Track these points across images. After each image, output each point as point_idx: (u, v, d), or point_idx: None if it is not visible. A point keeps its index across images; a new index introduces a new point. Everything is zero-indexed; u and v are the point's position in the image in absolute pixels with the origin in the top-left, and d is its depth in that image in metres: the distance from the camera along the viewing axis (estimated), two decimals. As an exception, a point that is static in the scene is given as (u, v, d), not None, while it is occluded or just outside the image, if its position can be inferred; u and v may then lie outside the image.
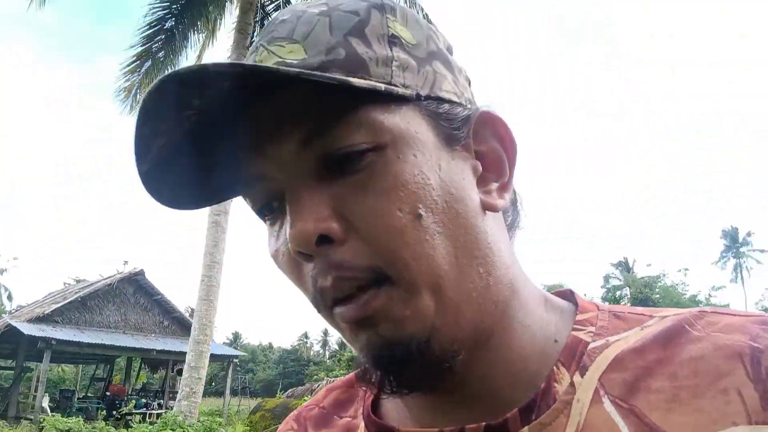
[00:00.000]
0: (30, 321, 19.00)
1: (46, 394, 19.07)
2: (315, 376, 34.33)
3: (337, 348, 74.01)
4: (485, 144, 0.50)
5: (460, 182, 0.47)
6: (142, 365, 25.80)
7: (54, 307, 19.89)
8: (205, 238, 11.30)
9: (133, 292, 22.34)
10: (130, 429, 11.87)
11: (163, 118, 0.43)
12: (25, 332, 17.71)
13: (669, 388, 0.44)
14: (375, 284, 0.43)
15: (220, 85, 0.42)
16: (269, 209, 0.48)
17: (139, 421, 17.25)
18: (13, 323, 18.53)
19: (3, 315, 27.67)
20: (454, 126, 0.48)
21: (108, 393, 21.12)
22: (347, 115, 0.44)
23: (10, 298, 48.30)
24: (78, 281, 29.72)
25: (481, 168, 0.49)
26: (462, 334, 0.45)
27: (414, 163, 0.45)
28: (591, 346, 0.48)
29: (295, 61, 0.44)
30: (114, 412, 18.22)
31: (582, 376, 0.46)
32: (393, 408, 0.55)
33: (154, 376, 29.44)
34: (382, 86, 0.44)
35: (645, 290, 42.02)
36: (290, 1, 11.02)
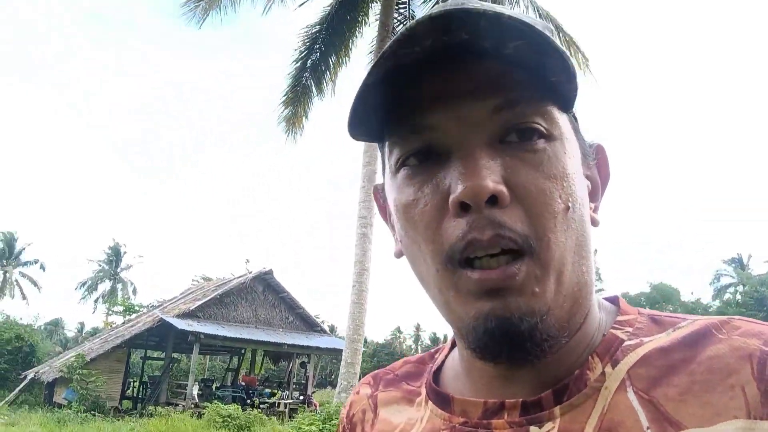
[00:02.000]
0: (178, 316, 21.16)
1: (196, 383, 21.17)
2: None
3: (430, 343, 75.04)
4: (590, 170, 0.57)
5: (586, 192, 0.54)
6: (264, 357, 27.83)
7: (197, 303, 21.94)
8: (355, 248, 12.48)
9: (263, 290, 24.13)
10: (294, 418, 13.25)
11: (406, 46, 0.47)
12: (178, 327, 19.74)
13: (685, 383, 0.47)
14: (520, 255, 0.47)
15: (460, 36, 0.47)
16: (420, 158, 0.51)
17: (268, 408, 18.96)
18: (166, 318, 20.70)
19: (138, 309, 30.62)
20: (586, 146, 0.56)
21: (243, 383, 23.03)
22: (536, 100, 0.49)
23: (135, 292, 52.58)
24: (205, 279, 32.27)
25: (591, 188, 0.57)
26: (563, 321, 0.50)
27: (573, 163, 0.51)
28: (626, 343, 0.52)
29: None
30: (248, 401, 20.04)
31: (613, 368, 0.51)
32: (452, 380, 0.61)
33: (272, 367, 31.54)
34: (576, 88, 0.50)
35: (762, 289, 40.05)
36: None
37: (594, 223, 0.55)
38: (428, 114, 0.50)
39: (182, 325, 20.04)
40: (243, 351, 25.94)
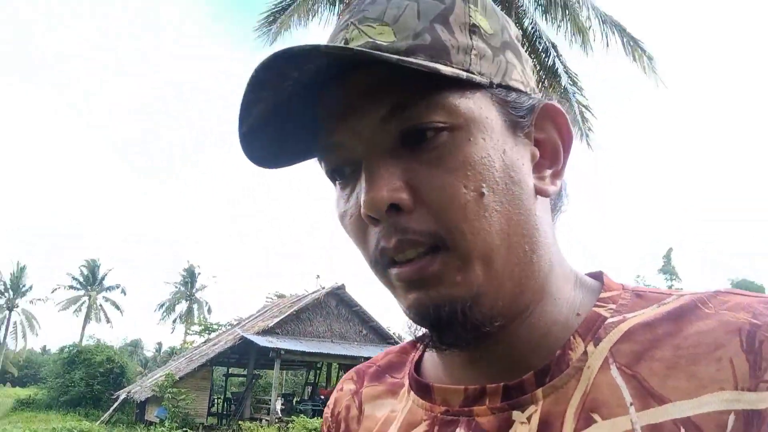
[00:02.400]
0: (258, 333, 21.81)
1: (280, 398, 21.74)
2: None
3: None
4: (544, 133, 0.55)
5: (519, 167, 0.52)
6: (339, 370, 28.28)
7: (275, 320, 22.55)
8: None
9: (336, 305, 24.54)
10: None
11: (266, 87, 0.48)
12: (260, 344, 20.34)
13: (670, 357, 0.47)
14: (432, 250, 0.48)
15: (320, 62, 0.47)
16: (341, 174, 0.53)
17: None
18: (247, 336, 21.38)
19: (216, 328, 31.65)
20: (519, 114, 0.53)
21: (321, 396, 23.47)
22: (427, 97, 0.48)
23: (210, 311, 54.37)
24: (279, 296, 33.09)
25: (538, 155, 0.55)
26: (502, 303, 0.50)
27: (482, 146, 0.49)
28: (608, 321, 0.52)
29: (384, 43, 0.48)
30: (328, 414, 20.36)
31: (595, 347, 0.50)
32: (432, 368, 0.61)
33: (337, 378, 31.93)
34: (464, 74, 0.48)
35: None
36: None
37: (543, 193, 0.54)
38: (332, 133, 0.51)
39: (263, 342, 20.62)
40: (320, 365, 26.42)
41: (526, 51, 0.59)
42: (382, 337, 25.53)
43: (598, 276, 0.59)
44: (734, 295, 0.50)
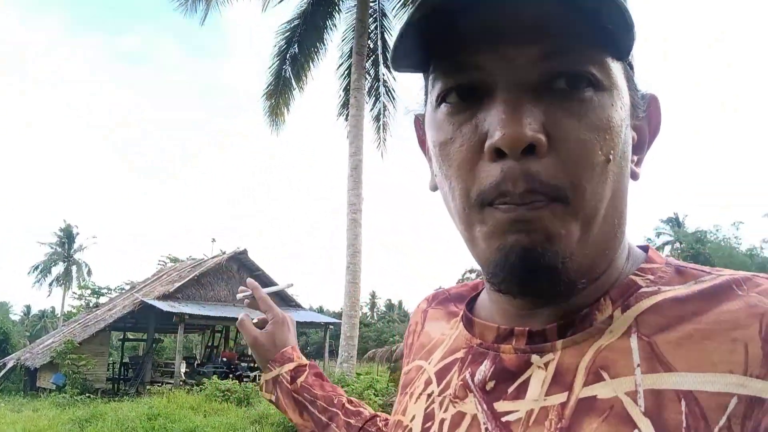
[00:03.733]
0: (158, 298, 21.75)
1: (184, 361, 21.95)
2: (391, 339, 36.93)
3: (385, 310, 76.99)
4: (641, 120, 0.56)
5: (630, 145, 0.53)
6: (237, 332, 28.66)
7: (176, 285, 22.54)
8: (346, 233, 13.57)
9: (238, 269, 24.85)
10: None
11: None
12: (163, 309, 20.40)
13: (688, 329, 0.48)
14: (551, 200, 0.47)
15: None
16: (462, 95, 0.50)
17: (251, 381, 19.95)
18: (148, 300, 21.29)
19: (105, 292, 30.80)
20: (638, 97, 0.55)
21: (224, 359, 23.92)
22: (588, 47, 0.47)
23: (89, 273, 51.98)
24: (172, 260, 32.63)
25: (636, 140, 0.56)
26: (588, 265, 0.51)
27: (620, 115, 0.49)
28: (642, 290, 0.52)
29: None
30: (230, 375, 20.99)
31: (622, 313, 0.51)
32: (482, 307, 0.65)
33: (243, 342, 32.44)
34: (636, 35, 0.46)
35: (697, 245, 43.05)
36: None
37: (634, 176, 0.55)
38: (475, 53, 0.49)
39: (166, 307, 20.67)
40: (221, 329, 26.71)
41: None
42: (284, 300, 26.07)
43: (644, 248, 0.60)
44: None
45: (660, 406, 0.45)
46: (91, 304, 30.38)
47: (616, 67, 0.50)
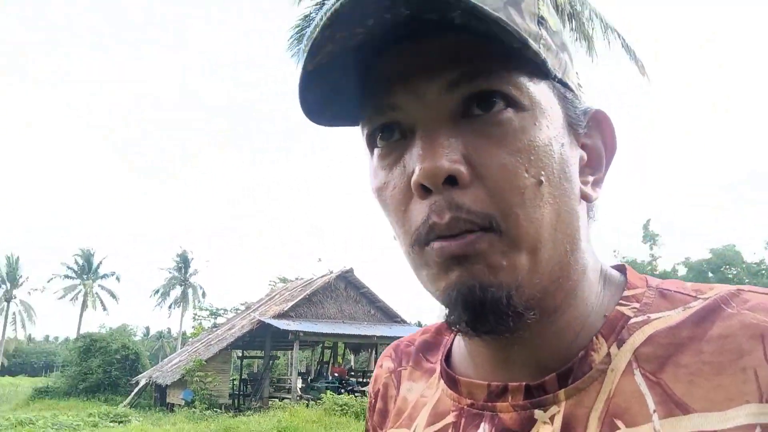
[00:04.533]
0: (274, 317, 22.83)
1: (299, 377, 22.88)
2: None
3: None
4: (590, 139, 0.54)
5: (571, 165, 0.50)
6: (345, 348, 29.42)
7: (290, 304, 23.60)
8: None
9: (345, 287, 25.65)
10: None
11: (341, 29, 0.45)
12: (280, 327, 21.38)
13: (694, 363, 0.46)
14: (482, 230, 0.46)
15: (401, 12, 0.44)
16: (387, 137, 0.50)
17: (362, 396, 20.36)
18: (265, 319, 22.39)
19: (222, 313, 32.52)
20: (576, 114, 0.52)
21: (335, 374, 24.65)
22: (497, 68, 0.46)
23: (204, 295, 55.12)
24: (282, 280, 34.07)
25: (585, 159, 0.54)
26: (539, 297, 0.49)
27: (546, 134, 0.48)
28: (632, 321, 0.51)
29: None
30: (342, 390, 21.57)
31: (619, 348, 0.50)
32: (460, 359, 0.61)
33: (350, 358, 33.19)
34: (542, 55, 0.46)
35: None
36: None
37: (587, 198, 0.53)
38: (389, 93, 0.48)
39: (282, 325, 21.65)
40: (331, 344, 27.56)
41: None
42: (389, 316, 26.70)
43: (621, 269, 0.58)
44: (756, 294, 0.49)
45: None
46: (210, 325, 32.24)
47: (538, 87, 0.49)
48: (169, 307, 54.82)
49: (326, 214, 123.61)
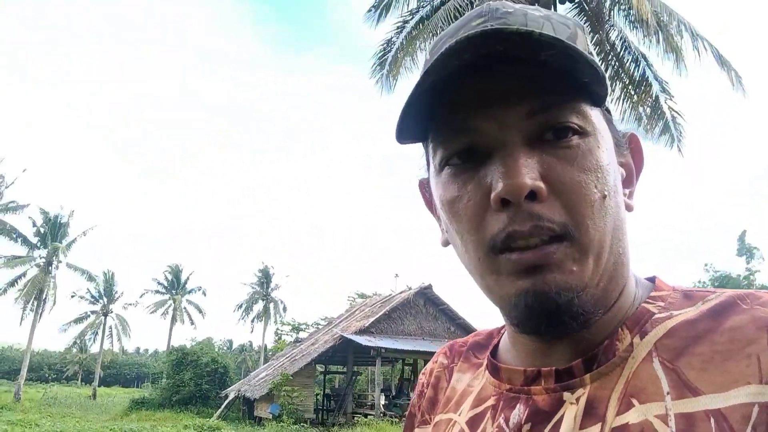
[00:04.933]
0: (355, 333, 23.24)
1: (382, 393, 23.16)
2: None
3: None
4: (625, 157, 0.62)
5: (620, 181, 0.58)
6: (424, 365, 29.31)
7: (370, 320, 23.98)
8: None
9: (424, 303, 25.78)
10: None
11: (456, 58, 0.51)
12: (363, 343, 21.75)
13: (707, 352, 0.50)
14: (556, 240, 0.51)
15: (496, 49, 0.50)
16: (465, 157, 0.56)
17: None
18: (347, 335, 22.84)
19: (304, 328, 33.23)
20: (618, 137, 0.61)
21: (416, 391, 24.69)
22: (568, 100, 0.53)
23: (285, 309, 56.29)
24: (360, 296, 34.60)
25: (625, 175, 0.61)
26: (601, 296, 0.55)
27: (607, 155, 0.55)
28: (656, 316, 0.56)
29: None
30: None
31: (641, 339, 0.54)
32: (504, 352, 0.67)
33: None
34: (608, 85, 0.53)
35: None
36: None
37: (628, 208, 0.59)
38: (470, 117, 0.54)
39: (364, 341, 22.03)
40: (410, 361, 27.69)
41: (614, 64, 0.97)
42: (468, 333, 26.24)
43: (651, 279, 0.63)
44: None
45: (690, 426, 0.47)
46: (292, 339, 33.05)
47: (595, 114, 0.56)
48: (252, 321, 56.47)
49: (402, 230, 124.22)
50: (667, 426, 0.48)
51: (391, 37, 15.07)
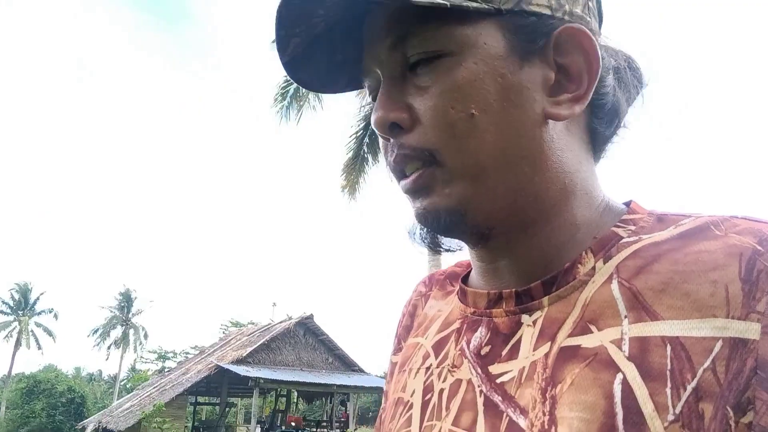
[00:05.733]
0: (233, 363, 22.69)
1: (258, 425, 22.66)
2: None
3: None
4: (569, 57, 0.55)
5: (522, 90, 0.53)
6: (298, 397, 29.20)
7: (249, 350, 23.52)
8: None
9: (304, 334, 25.71)
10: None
11: (296, 24, 0.55)
12: (241, 374, 21.23)
13: (666, 271, 0.48)
14: (428, 164, 0.54)
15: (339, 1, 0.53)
16: (373, 93, 0.60)
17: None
18: (224, 365, 22.21)
19: (171, 356, 31.80)
20: (530, 38, 0.54)
21: (292, 423, 24.49)
22: (426, 27, 0.53)
23: (146, 336, 53.28)
24: (235, 324, 33.78)
25: (553, 79, 0.55)
26: (496, 215, 0.55)
27: (473, 70, 0.52)
28: (623, 240, 0.54)
29: None
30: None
31: (604, 264, 0.53)
32: (473, 278, 0.67)
33: (298, 406, 32.90)
34: (447, 3, 0.50)
35: None
36: None
37: (555, 116, 0.54)
38: (363, 59, 0.59)
39: (242, 371, 21.55)
40: (286, 392, 27.37)
41: None
42: (346, 364, 26.82)
43: (628, 203, 0.60)
44: (747, 221, 0.50)
45: (644, 351, 0.46)
46: (157, 368, 31.42)
47: (471, 29, 0.53)
48: (109, 347, 52.76)
49: (279, 257, 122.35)
50: (621, 350, 0.47)
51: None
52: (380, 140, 0.59)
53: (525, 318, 0.55)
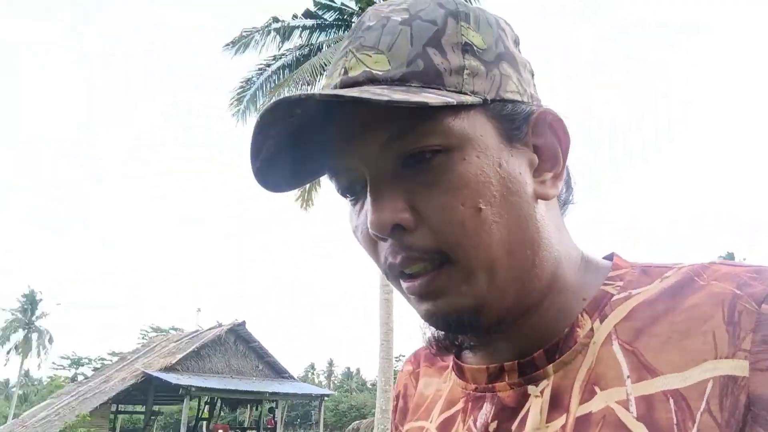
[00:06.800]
0: (161, 370, 21.97)
1: (187, 434, 22.04)
2: (371, 413, 37.06)
3: (343, 378, 76.12)
4: (542, 138, 0.57)
5: (517, 176, 0.54)
6: (222, 404, 28.56)
7: (177, 357, 22.84)
8: (379, 311, 14.65)
9: (234, 341, 25.32)
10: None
11: (274, 126, 0.52)
12: (171, 382, 20.64)
13: (666, 333, 0.50)
14: (439, 265, 0.52)
15: (319, 105, 0.52)
16: (352, 192, 0.58)
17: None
18: (153, 373, 21.47)
19: (83, 363, 30.27)
20: (515, 126, 0.55)
21: (220, 431, 24.02)
22: (422, 123, 0.51)
23: (51, 341, 50.31)
24: (155, 329, 32.60)
25: (537, 161, 0.56)
26: (507, 307, 0.54)
27: (476, 164, 0.52)
28: (615, 298, 0.55)
29: (380, 73, 0.52)
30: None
31: (601, 323, 0.53)
32: (467, 354, 0.66)
33: (221, 413, 32.21)
34: (454, 101, 0.50)
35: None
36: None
37: (545, 196, 0.56)
38: (343, 156, 0.55)
39: (173, 379, 20.96)
40: (209, 399, 26.73)
41: None
42: (276, 371, 26.59)
43: (610, 257, 0.61)
44: (724, 266, 0.52)
45: (651, 408, 0.47)
46: (70, 376, 29.82)
47: (465, 120, 0.52)
48: (8, 352, 49.30)
49: (202, 262, 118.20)
50: (629, 411, 0.48)
51: (252, 77, 15.46)
52: (362, 240, 0.58)
53: (531, 389, 0.55)
